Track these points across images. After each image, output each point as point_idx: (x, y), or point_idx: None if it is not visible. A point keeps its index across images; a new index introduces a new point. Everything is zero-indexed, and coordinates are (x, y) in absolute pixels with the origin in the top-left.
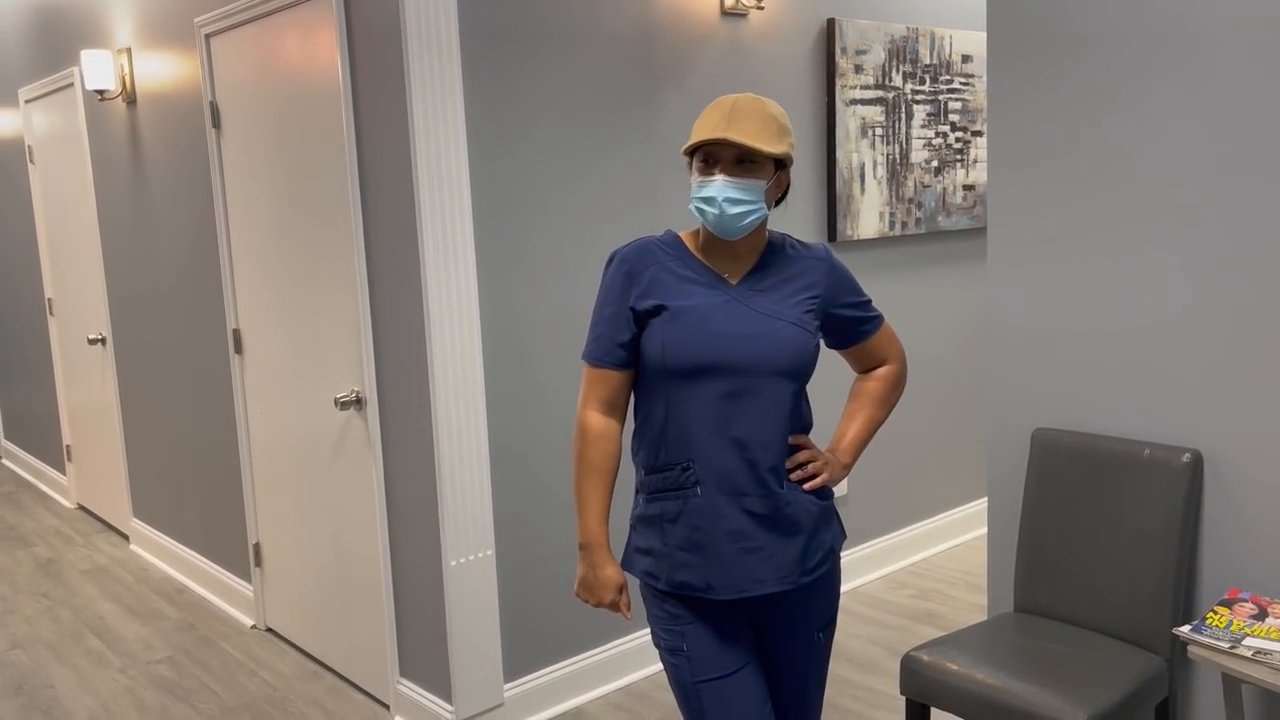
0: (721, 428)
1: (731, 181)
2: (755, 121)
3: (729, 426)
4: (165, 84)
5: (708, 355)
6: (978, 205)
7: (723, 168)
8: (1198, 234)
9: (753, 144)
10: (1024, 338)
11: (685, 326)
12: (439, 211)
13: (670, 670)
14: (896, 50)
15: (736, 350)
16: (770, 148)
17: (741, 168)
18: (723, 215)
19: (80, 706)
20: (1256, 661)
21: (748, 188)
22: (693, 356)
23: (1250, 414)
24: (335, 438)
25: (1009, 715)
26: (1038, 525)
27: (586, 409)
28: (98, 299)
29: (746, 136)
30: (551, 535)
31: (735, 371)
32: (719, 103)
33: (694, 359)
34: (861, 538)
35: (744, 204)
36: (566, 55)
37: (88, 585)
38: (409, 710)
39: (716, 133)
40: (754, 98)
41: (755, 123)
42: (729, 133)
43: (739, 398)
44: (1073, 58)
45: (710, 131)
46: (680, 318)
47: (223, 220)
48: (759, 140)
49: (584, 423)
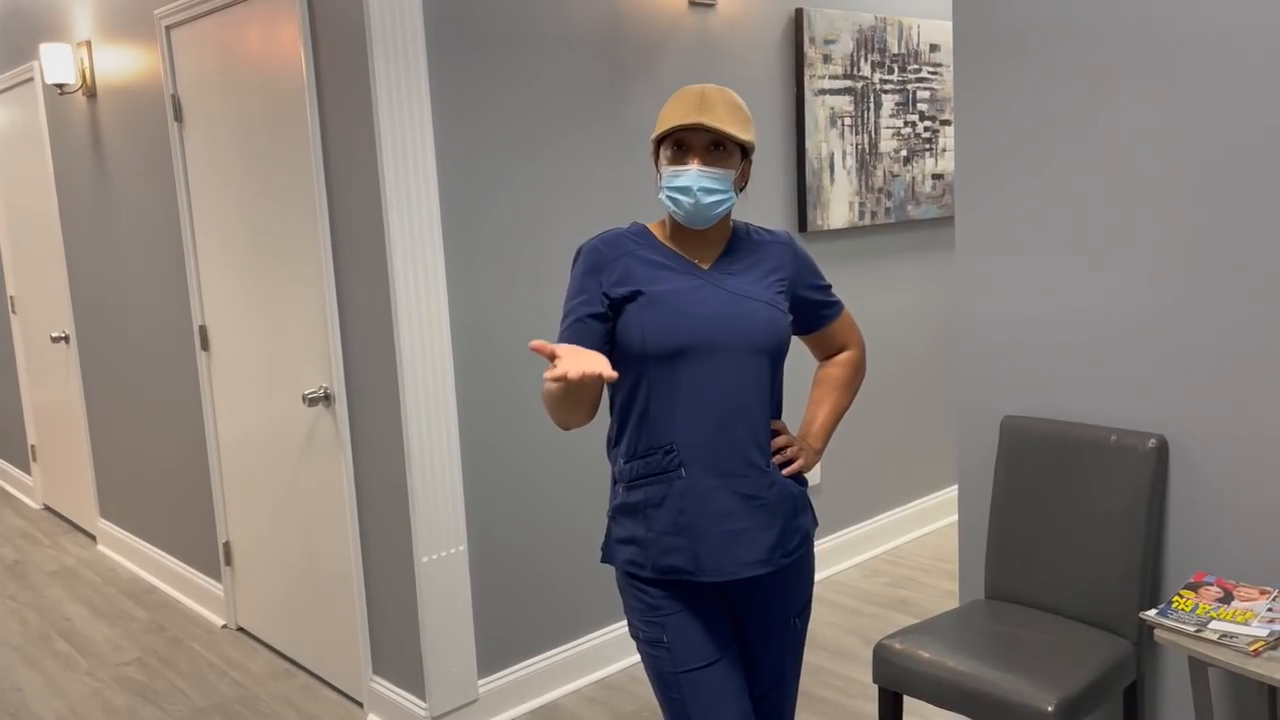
0: (703, 408)
1: (706, 171)
2: (726, 108)
3: (711, 406)
4: (126, 77)
5: (687, 337)
6: (946, 194)
7: (696, 155)
8: (1162, 224)
9: (727, 129)
10: (992, 326)
11: (663, 310)
12: (406, 205)
13: (649, 661)
14: (865, 40)
15: (715, 331)
16: (741, 133)
17: (714, 155)
18: (698, 204)
19: (48, 709)
20: (1222, 644)
21: (720, 176)
22: (672, 339)
23: (1214, 400)
24: (304, 434)
25: (979, 702)
26: (1007, 512)
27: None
28: (60, 296)
29: (721, 122)
30: (524, 529)
31: (715, 352)
32: (686, 91)
33: (674, 341)
34: (835, 526)
35: (717, 193)
36: (534, 46)
37: (54, 587)
38: (382, 708)
39: (690, 118)
40: (719, 88)
41: (726, 109)
42: (704, 118)
43: (720, 377)
44: (1038, 47)
45: (683, 118)
46: (657, 302)
47: (187, 215)
48: (731, 126)
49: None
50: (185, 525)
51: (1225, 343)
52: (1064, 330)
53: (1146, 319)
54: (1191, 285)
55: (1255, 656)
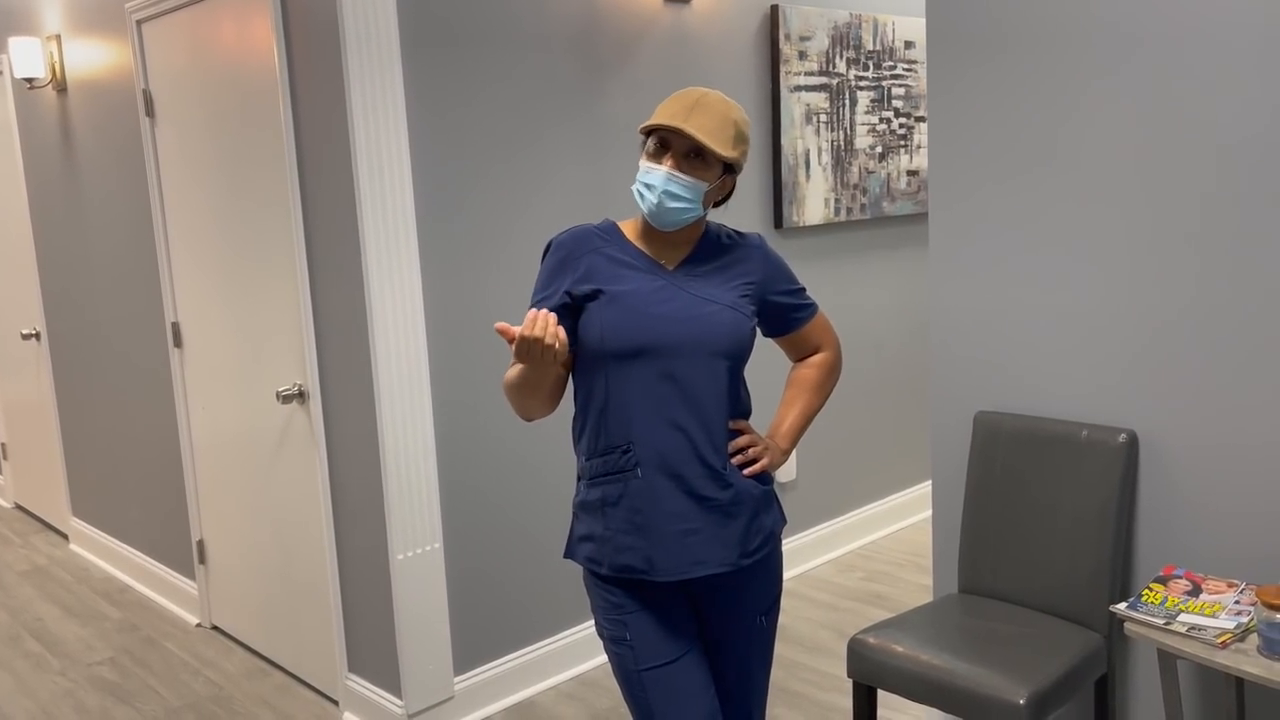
0: (660, 408)
1: (675, 176)
2: (715, 120)
3: (667, 407)
4: (96, 71)
5: (645, 337)
6: (922, 191)
7: (672, 158)
8: (1134, 221)
9: (705, 140)
10: (966, 322)
11: (622, 310)
12: (380, 201)
13: (614, 659)
14: (840, 36)
15: (674, 332)
16: (722, 149)
17: (689, 162)
18: (660, 206)
19: (19, 710)
20: (1190, 637)
21: (689, 186)
22: (631, 339)
23: (1183, 395)
24: (278, 432)
25: (952, 695)
26: (980, 507)
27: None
28: (30, 293)
29: (701, 132)
30: (499, 526)
31: (673, 353)
32: (686, 92)
33: (632, 341)
34: (810, 521)
35: (682, 200)
36: (509, 42)
37: (25, 586)
38: (358, 706)
39: (674, 121)
40: (722, 98)
41: (714, 121)
42: (686, 124)
43: (677, 379)
44: (1011, 45)
45: (669, 118)
46: (617, 301)
47: (159, 211)
48: (712, 139)
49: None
50: (158, 523)
51: (1195, 339)
52: (1036, 326)
53: (1118, 315)
54: (1163, 282)
55: (1223, 648)
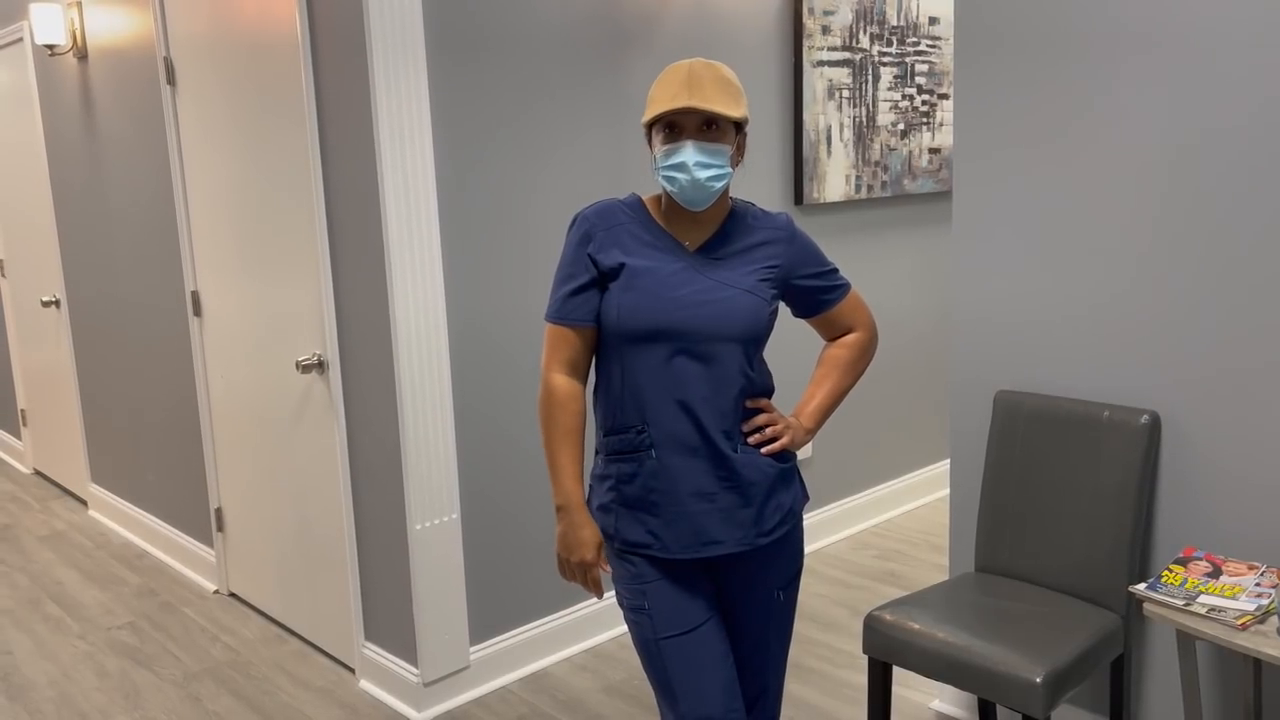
0: (672, 391)
1: (700, 145)
2: (715, 86)
3: (679, 390)
4: (118, 39)
5: (661, 320)
6: (943, 169)
7: (689, 135)
8: (1159, 201)
9: (719, 109)
10: (987, 301)
11: (639, 292)
12: (401, 170)
13: (633, 628)
14: (864, 11)
15: (689, 315)
16: (732, 111)
17: (706, 133)
18: (695, 180)
19: (39, 673)
20: (1210, 619)
21: (716, 151)
22: (646, 321)
23: (1206, 377)
24: (297, 401)
25: (968, 672)
26: (999, 486)
27: (551, 371)
28: (51, 260)
29: (710, 102)
30: (517, 498)
31: (688, 337)
32: (673, 70)
33: (647, 324)
34: (826, 499)
35: (714, 168)
36: (531, 13)
37: (45, 551)
38: (374, 674)
39: (679, 102)
40: (705, 63)
41: (715, 87)
42: (693, 100)
43: (691, 362)
44: (1040, 24)
45: (672, 101)
46: (635, 282)
47: (179, 180)
48: (722, 105)
49: (550, 385)
50: (177, 490)
51: (1218, 320)
52: (1058, 306)
53: (1141, 296)
54: (1188, 264)
55: (1243, 630)
